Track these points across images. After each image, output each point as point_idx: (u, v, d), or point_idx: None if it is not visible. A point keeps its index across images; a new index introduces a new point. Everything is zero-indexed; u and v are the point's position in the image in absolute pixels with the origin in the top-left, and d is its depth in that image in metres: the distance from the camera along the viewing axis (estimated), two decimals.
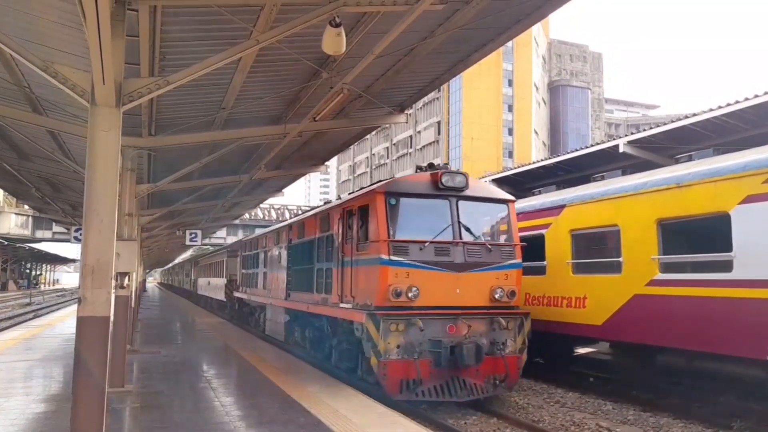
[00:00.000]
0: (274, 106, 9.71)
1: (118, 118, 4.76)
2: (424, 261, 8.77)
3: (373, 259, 8.83)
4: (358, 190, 10.58)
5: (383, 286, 8.55)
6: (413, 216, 9.18)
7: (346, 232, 10.03)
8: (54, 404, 7.87)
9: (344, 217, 10.19)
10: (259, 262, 18.14)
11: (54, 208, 20.08)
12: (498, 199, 9.89)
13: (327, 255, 10.95)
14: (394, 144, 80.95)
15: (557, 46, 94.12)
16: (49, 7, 5.60)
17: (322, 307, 10.93)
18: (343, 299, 9.82)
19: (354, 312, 9.15)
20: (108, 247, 4.63)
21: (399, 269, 8.60)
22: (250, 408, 7.80)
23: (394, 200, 8.97)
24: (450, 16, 6.91)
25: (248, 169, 14.19)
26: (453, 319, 8.79)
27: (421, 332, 8.49)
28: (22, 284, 70.37)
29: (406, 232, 8.90)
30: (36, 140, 10.32)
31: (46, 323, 21.93)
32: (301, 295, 12.63)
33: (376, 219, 8.89)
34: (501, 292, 9.10)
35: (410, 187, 9.27)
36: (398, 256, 8.65)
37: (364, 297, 9.00)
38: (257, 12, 5.99)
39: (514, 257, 9.47)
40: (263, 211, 54.58)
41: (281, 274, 14.70)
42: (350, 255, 9.66)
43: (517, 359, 9.12)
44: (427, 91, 10.17)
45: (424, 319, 8.52)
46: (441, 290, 8.79)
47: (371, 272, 8.87)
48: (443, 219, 9.13)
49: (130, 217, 10.09)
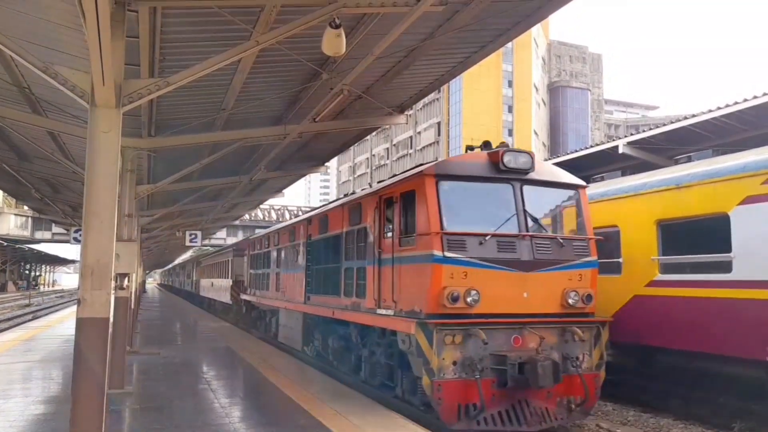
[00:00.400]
0: (274, 106, 9.71)
1: (118, 119, 4.76)
2: (485, 258, 7.32)
3: (422, 255, 7.43)
4: (401, 173, 8.79)
5: (436, 288, 7.10)
6: (469, 203, 7.75)
7: (384, 224, 8.59)
8: (53, 406, 7.86)
9: (381, 206, 8.68)
10: (270, 261, 16.55)
11: (54, 209, 20.08)
12: (568, 183, 8.37)
13: (358, 252, 9.38)
14: (394, 145, 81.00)
15: (557, 47, 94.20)
16: (49, 8, 5.60)
17: (353, 314, 9.36)
18: (380, 304, 8.36)
19: (397, 320, 7.67)
20: (108, 248, 4.64)
21: (455, 268, 7.16)
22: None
23: (446, 184, 7.54)
24: (450, 17, 6.91)
25: (248, 169, 14.20)
26: (519, 328, 7.38)
27: (483, 346, 7.10)
28: (21, 285, 70.33)
29: (461, 223, 7.41)
30: (36, 141, 10.33)
31: (46, 324, 21.92)
32: (324, 299, 11.09)
33: (425, 207, 7.40)
34: (575, 295, 7.69)
35: (465, 168, 7.74)
36: (454, 252, 7.20)
37: (411, 302, 7.56)
38: (257, 13, 5.99)
39: (588, 254, 8.03)
40: (263, 212, 54.56)
41: (298, 274, 13.11)
42: (390, 251, 8.19)
43: (595, 377, 7.62)
44: (427, 92, 10.17)
45: (486, 329, 7.11)
46: (505, 294, 7.40)
47: (420, 272, 7.42)
48: (506, 207, 7.69)
49: (129, 218, 10.08)
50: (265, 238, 17.72)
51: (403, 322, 7.48)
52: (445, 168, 7.72)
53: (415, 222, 7.66)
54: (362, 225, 9.29)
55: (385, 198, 8.64)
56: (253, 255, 19.53)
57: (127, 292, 9.25)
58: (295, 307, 13.13)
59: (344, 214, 10.24)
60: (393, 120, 10.93)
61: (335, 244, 10.58)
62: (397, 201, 8.22)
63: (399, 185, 8.27)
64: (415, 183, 7.79)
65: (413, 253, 7.64)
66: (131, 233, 10.30)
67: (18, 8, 5.66)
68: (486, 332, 7.07)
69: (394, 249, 8.11)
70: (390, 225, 8.43)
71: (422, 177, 7.57)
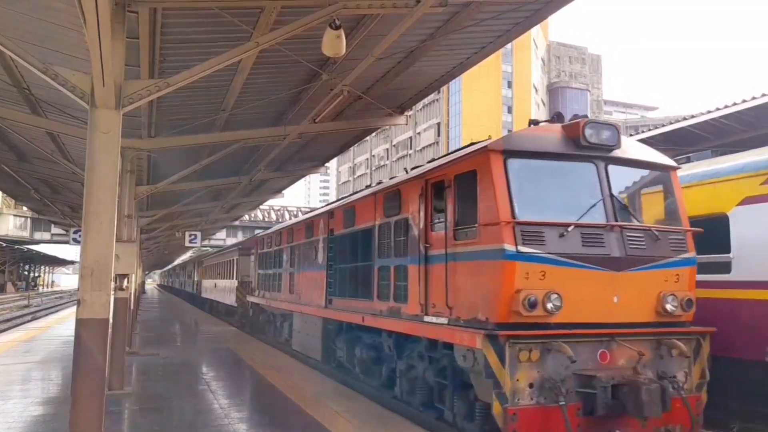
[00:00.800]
0: (274, 107, 9.71)
1: (117, 120, 4.76)
2: (568, 254, 5.96)
3: (487, 251, 6.05)
4: (453, 152, 7.46)
5: (508, 292, 5.77)
6: (544, 186, 6.43)
7: (432, 213, 7.29)
8: (53, 407, 7.85)
9: (428, 192, 7.39)
10: (282, 260, 15.03)
11: (53, 209, 20.08)
12: (659, 164, 7.03)
13: (397, 247, 8.11)
14: (393, 145, 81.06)
15: (556, 48, 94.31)
16: (49, 9, 5.60)
17: (390, 321, 8.06)
18: (428, 310, 7.09)
19: (455, 331, 6.31)
20: (107, 249, 4.64)
21: (531, 266, 5.83)
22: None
23: (517, 163, 6.18)
24: (449, 18, 6.92)
25: (248, 170, 14.21)
26: (607, 341, 6.06)
27: (566, 364, 5.79)
28: (20, 286, 70.29)
29: (535, 211, 6.09)
30: (35, 142, 10.33)
31: (45, 325, 21.90)
32: (351, 302, 9.74)
33: (492, 191, 6.04)
34: (673, 300, 6.37)
35: (539, 143, 6.36)
36: (530, 247, 5.85)
37: (472, 308, 6.22)
38: (257, 14, 6.00)
39: (686, 249, 6.66)
40: (263, 213, 54.54)
41: (317, 274, 11.71)
42: (442, 246, 6.88)
43: (697, 400, 6.38)
44: (426, 92, 10.18)
45: (570, 343, 5.78)
46: (591, 298, 6.04)
47: (484, 271, 6.11)
48: (588, 191, 6.38)
49: (129, 218, 10.09)
50: (276, 235, 16.20)
51: (464, 334, 6.08)
52: (515, 142, 6.31)
53: (477, 210, 6.28)
54: (402, 216, 8.00)
55: (433, 182, 7.27)
56: (261, 254, 18.21)
57: (126, 292, 9.25)
58: (314, 311, 11.76)
59: (377, 204, 8.92)
60: (393, 121, 10.94)
61: (365, 240, 9.21)
62: (450, 185, 6.83)
63: (453, 166, 6.85)
64: (476, 162, 6.37)
65: (475, 248, 6.27)
66: (131, 234, 10.30)
67: (18, 9, 5.67)
68: (570, 346, 5.74)
69: (447, 243, 6.77)
70: (441, 215, 7.09)
71: (486, 154, 6.17)
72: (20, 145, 11.57)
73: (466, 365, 6.18)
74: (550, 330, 5.85)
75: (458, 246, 6.59)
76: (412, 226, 7.69)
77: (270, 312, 17.08)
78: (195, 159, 11.49)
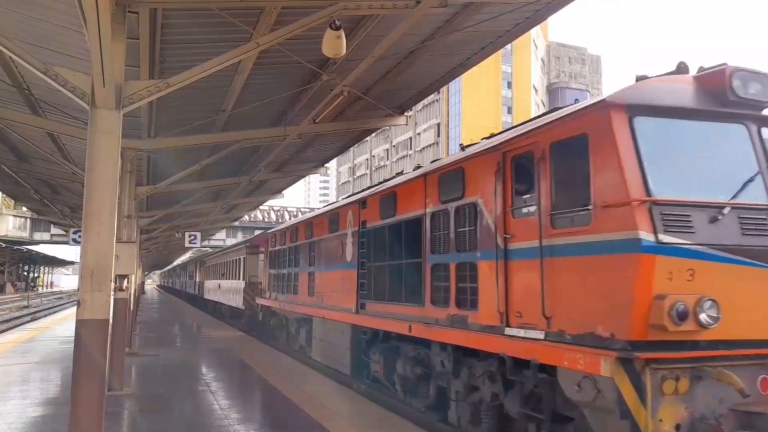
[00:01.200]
0: (274, 108, 9.70)
1: (118, 120, 4.76)
2: (724, 246, 4.50)
3: (609, 242, 4.57)
4: (547, 112, 6.08)
5: (645, 297, 4.31)
6: (683, 154, 4.90)
7: (513, 195, 5.84)
8: (52, 408, 7.84)
9: (506, 168, 5.91)
10: (299, 258, 13.69)
11: (53, 210, 20.07)
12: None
13: (459, 240, 6.66)
14: (393, 146, 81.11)
15: (556, 49, 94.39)
16: (50, 10, 5.60)
17: (452, 332, 6.58)
18: (510, 320, 5.66)
19: (560, 349, 4.83)
20: (107, 250, 4.63)
21: (677, 262, 4.35)
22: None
23: (646, 123, 4.74)
24: (449, 19, 6.92)
25: (248, 170, 14.20)
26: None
27: (722, 395, 4.39)
28: (19, 287, 70.27)
29: (675, 188, 4.63)
30: (35, 142, 10.33)
31: (44, 326, 21.88)
32: (392, 308, 8.35)
33: (615, 159, 4.59)
34: None
35: (673, 97, 4.92)
36: (674, 236, 4.39)
37: (587, 320, 4.71)
38: (257, 15, 6.00)
39: None
40: (263, 213, 54.56)
41: (345, 274, 10.36)
42: (530, 237, 5.42)
43: None
44: (426, 93, 10.17)
45: (731, 367, 4.37)
46: (755, 306, 4.58)
47: (605, 269, 4.60)
48: (741, 161, 4.94)
49: (129, 219, 10.09)
50: (292, 230, 14.74)
51: (578, 355, 4.60)
52: (642, 95, 4.86)
53: (590, 187, 4.80)
54: (466, 201, 6.60)
55: (514, 155, 5.83)
56: (274, 252, 16.79)
57: (126, 293, 9.24)
58: (341, 317, 10.31)
59: (428, 188, 7.53)
60: (393, 121, 10.93)
61: (412, 232, 7.85)
62: (543, 157, 5.35)
63: (548, 131, 5.39)
64: (587, 123, 4.96)
65: (587, 239, 4.79)
66: (131, 234, 10.30)
67: (19, 9, 5.67)
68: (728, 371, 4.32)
69: (542, 233, 5.26)
70: (528, 197, 5.65)
71: (604, 111, 4.77)
72: (20, 146, 11.56)
73: (582, 398, 4.65)
74: (700, 351, 4.38)
75: (559, 236, 5.08)
76: (482, 213, 6.22)
77: (282, 316, 15.83)
78: (195, 159, 11.48)
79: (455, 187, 6.86)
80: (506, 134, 6.28)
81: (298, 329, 14.02)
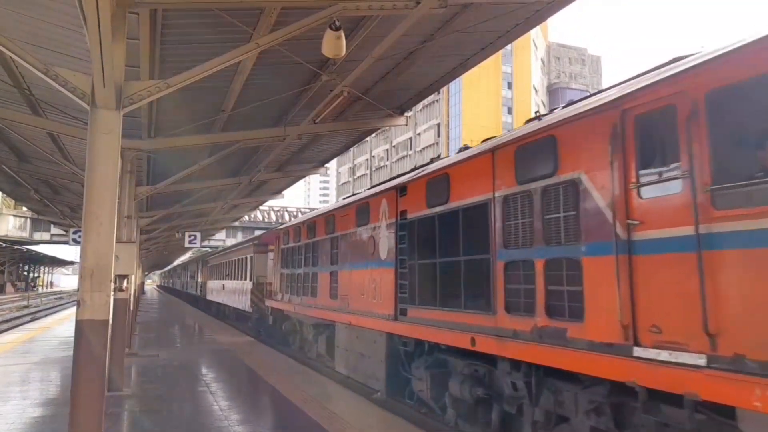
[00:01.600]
0: (274, 108, 9.71)
1: (118, 120, 4.76)
2: None
3: None
4: (695, 54, 4.38)
5: None
6: None
7: (636, 167, 4.49)
8: (52, 408, 7.84)
9: (625, 132, 4.58)
10: (318, 256, 12.25)
11: (53, 210, 20.07)
12: None
13: (548, 230, 5.33)
14: (393, 146, 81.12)
15: (556, 49, 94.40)
16: (50, 10, 5.60)
17: (543, 348, 5.21)
18: (639, 336, 4.31)
19: (744, 382, 3.47)
20: (107, 250, 4.63)
21: None
22: None
23: None
24: (449, 19, 6.92)
25: (248, 171, 14.21)
26: None
27: None
28: (19, 287, 70.28)
29: None
30: (35, 142, 10.33)
31: (44, 326, 21.88)
32: (444, 315, 7.02)
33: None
34: None
35: None
36: None
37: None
38: (257, 15, 6.01)
39: None
40: (263, 213, 54.59)
41: (379, 274, 8.95)
42: (684, 221, 4.03)
43: None
44: (426, 93, 10.17)
45: None
46: None
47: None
48: None
49: (129, 219, 10.09)
50: (309, 225, 13.16)
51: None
52: None
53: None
54: (560, 178, 5.23)
55: (640, 113, 4.48)
56: (286, 249, 15.21)
57: (126, 293, 9.24)
58: (375, 324, 8.86)
59: (497, 166, 6.25)
60: (393, 121, 10.94)
61: (473, 221, 6.55)
62: (696, 111, 3.99)
63: (698, 76, 4.02)
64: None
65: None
66: (130, 235, 10.30)
67: (19, 10, 5.67)
68: None
69: (698, 216, 3.90)
70: (665, 168, 4.26)
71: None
72: (20, 146, 11.57)
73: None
74: None
75: (726, 220, 3.74)
76: (588, 193, 4.86)
77: (296, 320, 14.39)
78: (195, 160, 11.49)
79: (543, 162, 5.43)
80: (626, 86, 4.80)
81: (316, 336, 12.62)
